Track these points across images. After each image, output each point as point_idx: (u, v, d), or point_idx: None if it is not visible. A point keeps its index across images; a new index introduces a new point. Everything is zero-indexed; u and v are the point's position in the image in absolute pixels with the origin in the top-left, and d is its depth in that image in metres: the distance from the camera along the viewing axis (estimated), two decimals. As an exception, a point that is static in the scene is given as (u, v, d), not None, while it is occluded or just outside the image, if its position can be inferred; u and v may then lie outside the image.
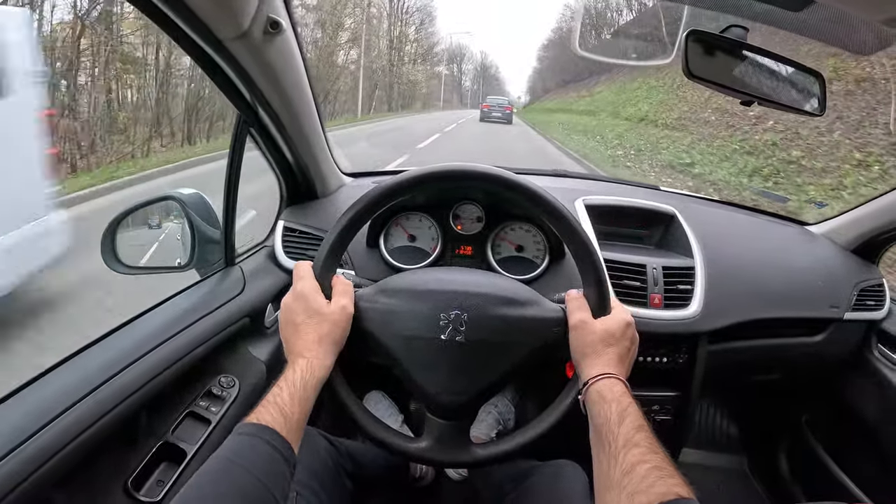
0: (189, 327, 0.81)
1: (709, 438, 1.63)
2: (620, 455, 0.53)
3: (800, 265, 1.20)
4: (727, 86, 0.79)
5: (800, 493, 1.40)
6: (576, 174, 1.54)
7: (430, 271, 0.74)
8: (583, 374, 0.64)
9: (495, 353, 0.67)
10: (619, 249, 1.08)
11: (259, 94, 0.81)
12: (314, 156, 1.05)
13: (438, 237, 1.09)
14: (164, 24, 0.63)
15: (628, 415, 0.57)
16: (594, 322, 0.66)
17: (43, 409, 0.60)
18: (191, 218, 0.94)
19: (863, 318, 1.19)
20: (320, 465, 0.82)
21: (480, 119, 21.61)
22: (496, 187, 0.67)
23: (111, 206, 0.96)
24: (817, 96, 0.87)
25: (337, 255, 0.69)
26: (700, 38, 0.77)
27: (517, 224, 1.08)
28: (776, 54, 0.83)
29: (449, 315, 0.65)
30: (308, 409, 0.59)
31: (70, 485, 0.62)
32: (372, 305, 0.68)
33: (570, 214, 0.67)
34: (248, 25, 0.65)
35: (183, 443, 0.77)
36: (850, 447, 1.29)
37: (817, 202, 4.78)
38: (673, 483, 0.48)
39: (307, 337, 0.63)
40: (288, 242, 1.09)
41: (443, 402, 0.67)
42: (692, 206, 1.24)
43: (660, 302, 1.02)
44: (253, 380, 0.93)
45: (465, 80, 70.60)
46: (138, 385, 0.69)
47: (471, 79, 71.31)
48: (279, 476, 0.51)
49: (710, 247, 1.10)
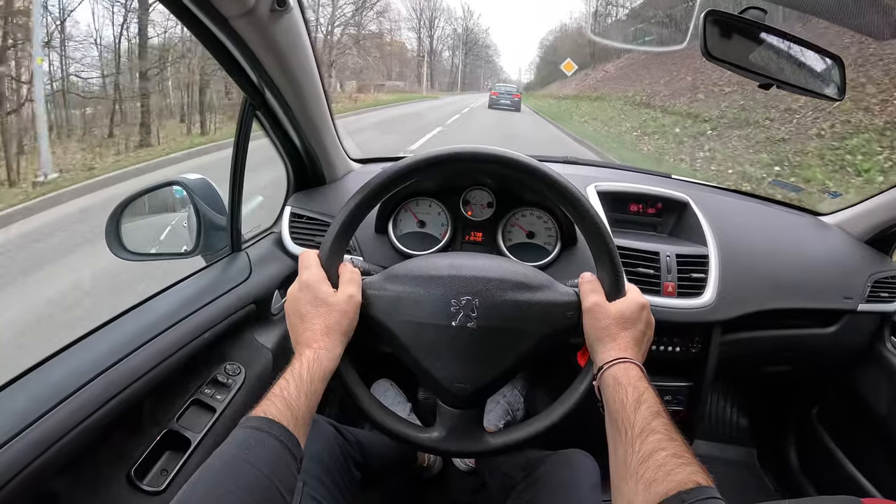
0: (195, 313, 0.80)
1: (719, 430, 1.62)
2: (637, 442, 0.51)
3: (813, 255, 1.18)
4: (745, 67, 0.78)
5: (809, 486, 1.39)
6: (587, 161, 1.52)
7: (440, 257, 0.72)
8: (597, 359, 0.63)
9: (508, 339, 0.65)
10: (632, 237, 1.06)
11: (265, 76, 0.79)
12: (321, 140, 1.04)
13: (448, 223, 1.08)
14: (168, 1, 0.61)
15: (645, 401, 0.55)
16: (608, 305, 0.64)
17: (46, 394, 0.59)
18: (197, 204, 0.93)
19: (876, 310, 1.17)
20: (327, 453, 0.81)
21: (489, 106, 21.92)
22: (507, 170, 0.66)
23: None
24: (836, 81, 0.85)
25: (343, 242, 0.67)
26: (718, 20, 0.75)
27: (528, 210, 1.07)
28: (796, 37, 0.81)
29: (460, 301, 0.64)
30: (315, 403, 0.58)
31: (73, 472, 0.61)
32: (380, 293, 0.66)
33: (582, 196, 0.65)
34: (255, 2, 0.64)
35: (188, 431, 0.76)
36: (860, 441, 1.27)
37: (831, 192, 4.73)
38: (691, 471, 0.47)
39: (314, 328, 0.61)
40: (295, 228, 1.08)
41: (454, 390, 0.66)
42: (705, 194, 1.23)
43: (673, 290, 1.00)
44: (259, 368, 0.92)
45: (441, 49, 45.94)
46: (143, 371, 0.69)
47: (450, 47, 47.28)
48: (285, 471, 0.50)
49: (724, 235, 1.09)
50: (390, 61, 36.63)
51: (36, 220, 4.02)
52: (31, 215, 4.07)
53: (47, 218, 4.07)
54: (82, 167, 5.90)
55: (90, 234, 3.41)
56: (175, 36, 8.92)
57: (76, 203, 4.42)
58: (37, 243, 3.59)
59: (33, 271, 3.08)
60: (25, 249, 3.48)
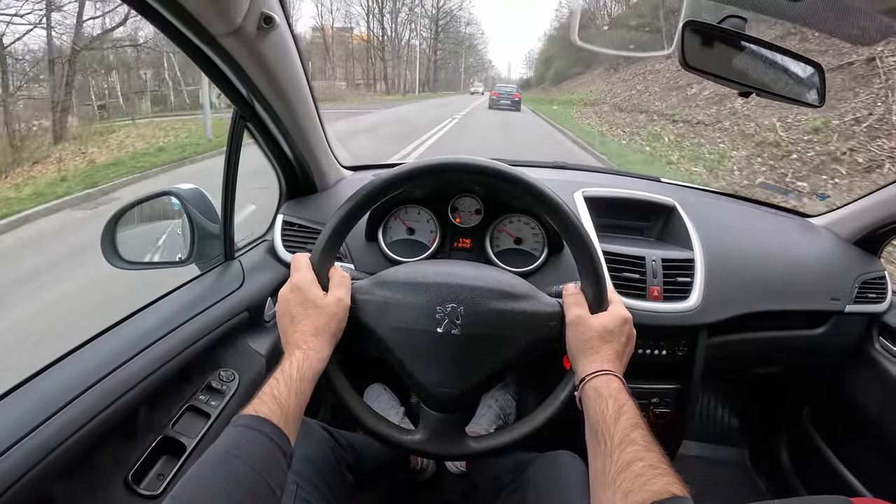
0: (189, 321, 0.82)
1: (709, 431, 1.63)
2: (615, 453, 0.53)
3: (801, 257, 1.19)
4: (725, 77, 0.79)
5: (800, 485, 1.40)
6: (575, 166, 1.53)
7: (427, 264, 0.74)
8: (579, 370, 0.64)
9: (491, 346, 0.67)
10: (619, 241, 1.08)
11: (255, 90, 0.81)
12: (312, 150, 1.05)
13: (437, 230, 1.09)
14: (156, 20, 0.63)
15: (624, 412, 0.57)
16: (591, 318, 0.66)
17: (44, 403, 0.60)
18: (190, 213, 0.95)
19: (864, 311, 1.18)
20: (320, 457, 0.82)
21: (489, 106, 22.33)
22: (494, 180, 0.67)
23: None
24: (817, 87, 0.86)
25: (334, 247, 0.69)
26: (697, 29, 0.76)
27: (516, 216, 1.08)
28: (775, 45, 0.82)
29: (445, 308, 0.65)
30: (305, 401, 0.59)
31: (71, 478, 0.62)
32: (368, 297, 0.68)
33: (567, 208, 0.67)
34: (241, 21, 0.65)
35: (183, 436, 0.78)
36: (850, 440, 1.28)
37: (819, 194, 4.73)
38: (667, 481, 0.48)
39: (303, 329, 0.63)
40: (287, 236, 1.09)
41: (438, 394, 0.68)
42: (692, 197, 1.24)
43: (659, 294, 1.02)
44: (253, 374, 0.94)
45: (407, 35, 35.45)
46: (138, 379, 0.70)
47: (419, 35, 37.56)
48: (276, 467, 0.51)
49: (711, 239, 1.10)
50: (333, 52, 28.06)
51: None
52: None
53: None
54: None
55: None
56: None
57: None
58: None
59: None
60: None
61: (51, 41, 8.33)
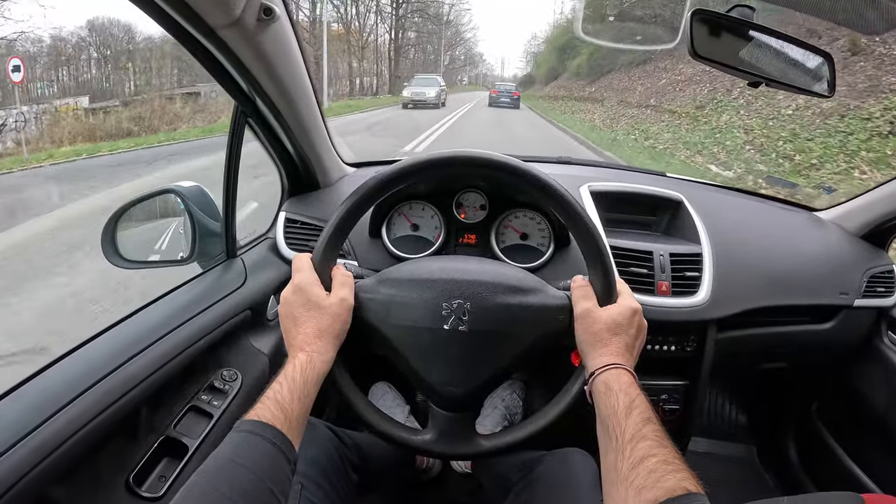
0: (190, 320, 0.81)
1: (717, 427, 1.62)
2: (628, 448, 0.52)
3: (808, 252, 1.18)
4: (734, 66, 0.78)
5: (809, 482, 1.38)
6: (581, 161, 1.51)
7: (432, 260, 0.72)
8: (589, 364, 0.63)
9: (499, 342, 0.66)
10: (626, 236, 1.07)
11: (255, 84, 0.79)
12: (314, 146, 1.04)
13: (442, 226, 1.08)
14: (153, 12, 0.61)
15: (636, 407, 0.55)
16: (600, 311, 0.64)
17: (45, 402, 0.59)
18: (191, 211, 0.94)
19: (873, 305, 1.17)
20: (325, 457, 0.81)
21: (489, 104, 22.36)
22: (500, 174, 0.66)
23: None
24: (826, 77, 0.85)
25: (336, 246, 0.67)
26: (705, 18, 0.75)
27: (521, 211, 1.07)
28: (783, 34, 0.81)
29: (451, 304, 0.64)
30: (308, 405, 0.58)
31: (72, 479, 0.61)
32: (372, 296, 0.67)
33: (574, 200, 0.65)
34: (241, 12, 0.64)
35: (185, 437, 0.77)
36: (859, 436, 1.27)
37: (826, 187, 4.72)
38: (681, 477, 0.47)
39: (307, 331, 0.62)
40: (290, 233, 1.08)
41: (446, 393, 0.66)
42: (699, 192, 1.23)
43: (667, 289, 1.00)
44: (255, 373, 0.93)
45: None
46: (139, 379, 0.69)
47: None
48: (280, 474, 0.50)
49: (718, 233, 1.09)
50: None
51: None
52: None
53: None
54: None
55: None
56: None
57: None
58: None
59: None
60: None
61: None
